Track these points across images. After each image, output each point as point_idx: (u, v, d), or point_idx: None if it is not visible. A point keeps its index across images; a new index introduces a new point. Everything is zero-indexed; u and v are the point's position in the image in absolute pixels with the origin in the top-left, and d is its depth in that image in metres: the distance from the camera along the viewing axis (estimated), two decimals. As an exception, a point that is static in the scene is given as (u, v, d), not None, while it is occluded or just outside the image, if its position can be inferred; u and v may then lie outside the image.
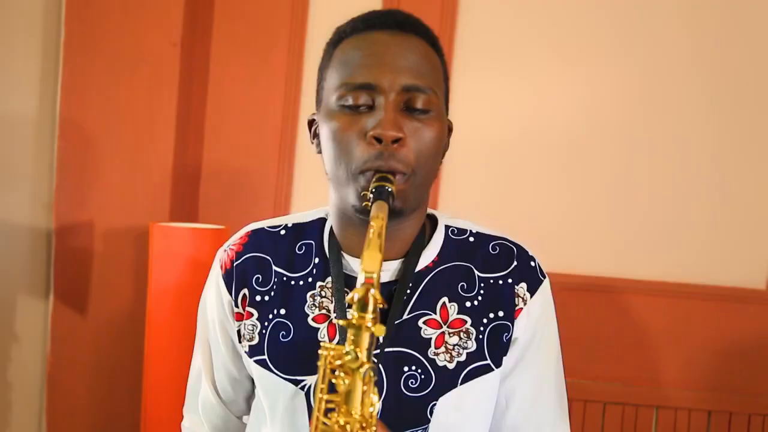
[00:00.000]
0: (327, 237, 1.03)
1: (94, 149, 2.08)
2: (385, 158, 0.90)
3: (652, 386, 2.25)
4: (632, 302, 2.24)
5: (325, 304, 0.99)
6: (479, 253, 1.03)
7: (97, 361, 2.10)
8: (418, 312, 0.98)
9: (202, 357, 1.11)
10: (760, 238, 2.23)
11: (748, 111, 2.21)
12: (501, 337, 0.99)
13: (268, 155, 2.19)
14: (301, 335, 0.98)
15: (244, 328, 1.02)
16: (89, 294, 2.09)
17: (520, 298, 1.00)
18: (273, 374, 0.98)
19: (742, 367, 2.24)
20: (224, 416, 1.12)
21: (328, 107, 0.95)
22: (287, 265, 1.02)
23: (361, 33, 0.96)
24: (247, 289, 1.02)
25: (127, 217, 2.08)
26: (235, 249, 1.04)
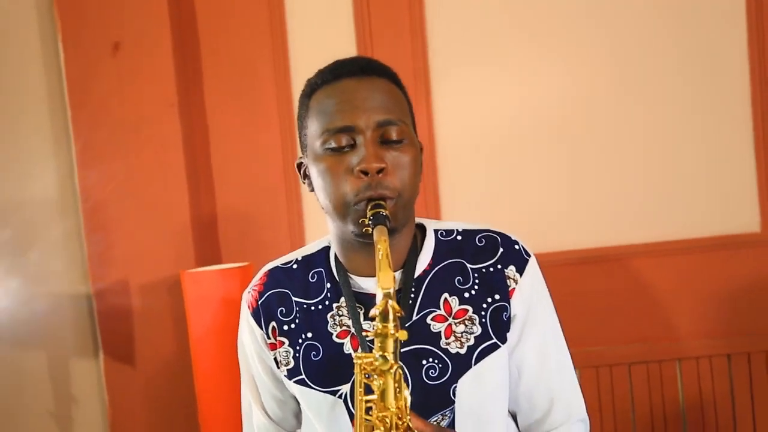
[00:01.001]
0: (334, 263, 1.16)
1: (115, 212, 2.21)
2: (374, 187, 1.02)
3: (671, 341, 2.35)
4: (638, 266, 2.34)
5: (344, 321, 1.12)
6: (468, 248, 1.15)
7: (154, 407, 2.23)
8: (425, 311, 1.11)
9: (250, 389, 1.25)
10: (748, 184, 2.32)
11: (722, 69, 2.31)
12: (501, 317, 1.11)
13: (276, 189, 2.31)
14: (329, 352, 1.12)
15: (279, 355, 1.15)
16: (135, 346, 2.22)
17: (511, 279, 1.13)
18: (312, 390, 1.12)
19: (751, 308, 2.33)
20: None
21: (314, 152, 1.07)
22: (304, 294, 1.16)
23: (330, 83, 1.07)
24: (274, 321, 1.16)
25: (158, 270, 2.20)
26: (257, 289, 1.19)
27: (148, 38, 2.21)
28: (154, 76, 2.20)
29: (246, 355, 1.23)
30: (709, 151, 2.33)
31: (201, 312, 2.00)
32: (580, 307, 2.32)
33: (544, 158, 2.36)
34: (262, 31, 2.33)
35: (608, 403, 2.35)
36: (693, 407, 2.36)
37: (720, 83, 2.32)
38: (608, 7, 2.33)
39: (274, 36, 2.33)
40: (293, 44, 2.35)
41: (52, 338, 2.29)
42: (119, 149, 2.21)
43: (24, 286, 2.22)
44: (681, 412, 2.36)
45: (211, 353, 1.99)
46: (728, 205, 2.34)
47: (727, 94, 2.32)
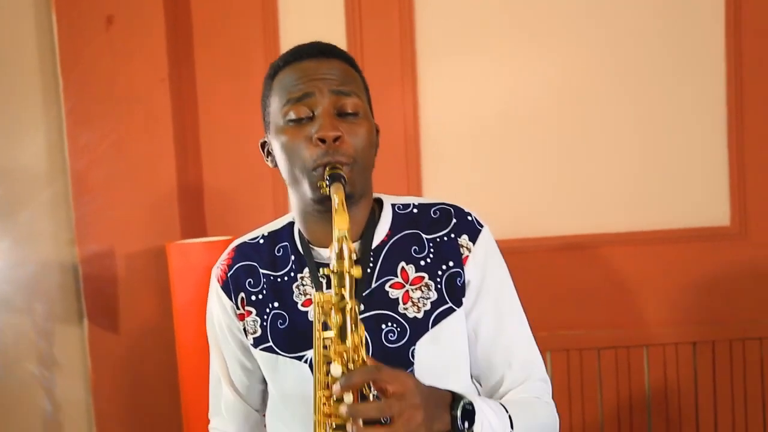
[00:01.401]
0: (297, 236, 1.23)
1: (103, 185, 2.25)
2: (331, 154, 1.09)
3: (639, 328, 2.42)
4: (612, 254, 2.41)
5: (308, 291, 1.19)
6: (423, 220, 1.23)
7: (136, 373, 2.28)
8: (383, 279, 1.18)
9: (218, 363, 1.32)
10: (720, 179, 2.39)
11: (700, 67, 2.37)
12: (456, 282, 1.18)
13: (261, 166, 2.31)
14: (294, 320, 1.19)
15: (247, 324, 1.22)
16: (119, 315, 2.27)
17: (464, 247, 1.20)
18: (279, 356, 1.18)
19: (718, 298, 2.41)
20: (245, 411, 1.32)
21: (276, 125, 1.15)
22: (271, 267, 1.23)
23: (291, 63, 1.16)
24: (243, 292, 1.23)
25: (143, 240, 2.25)
26: (226, 263, 1.26)
27: (141, 13, 2.24)
28: (145, 51, 2.23)
29: (215, 328, 1.30)
30: (685, 147, 2.40)
31: (184, 283, 2.05)
32: (554, 291, 2.39)
33: (525, 147, 2.42)
34: (253, 11, 2.37)
35: (577, 387, 2.43)
36: (658, 393, 2.44)
37: (697, 81, 2.38)
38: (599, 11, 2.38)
39: (265, 15, 2.37)
40: (284, 24, 2.39)
41: (37, 302, 2.33)
42: (109, 121, 2.24)
43: (12, 249, 2.26)
44: (646, 397, 2.44)
45: (193, 323, 2.03)
46: (700, 200, 2.41)
47: (703, 92, 2.38)
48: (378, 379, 0.97)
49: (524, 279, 1.30)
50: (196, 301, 2.01)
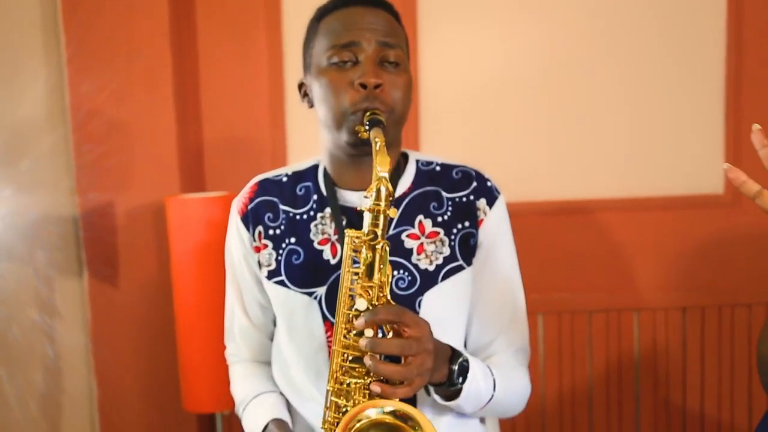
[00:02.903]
0: (322, 177, 1.27)
1: (104, 138, 2.25)
2: (370, 100, 1.13)
3: (631, 292, 2.46)
4: (606, 220, 2.44)
5: (326, 230, 1.23)
6: (445, 179, 1.27)
7: (135, 324, 2.32)
8: (401, 228, 1.22)
9: (234, 293, 1.35)
10: (715, 147, 2.41)
11: (699, 31, 2.36)
12: (469, 242, 1.23)
13: (261, 121, 2.37)
14: (309, 256, 1.23)
15: (262, 257, 1.27)
16: (119, 268, 2.30)
17: (481, 210, 1.25)
18: (290, 290, 1.23)
19: (709, 265, 2.44)
20: (259, 339, 1.36)
21: (319, 67, 1.17)
22: (292, 204, 1.27)
23: (339, 8, 1.18)
24: (261, 225, 1.27)
25: (143, 195, 2.27)
26: (248, 196, 1.30)
27: (142, -34, 2.23)
28: (147, 4, 2.23)
29: (233, 259, 1.33)
30: (681, 114, 2.40)
31: (183, 237, 2.07)
32: (548, 255, 2.42)
33: (522, 112, 2.43)
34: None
35: (568, 349, 2.48)
36: (647, 356, 2.49)
37: (696, 46, 2.38)
38: None
39: (267, -28, 2.36)
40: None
41: (39, 251, 2.36)
42: (110, 72, 2.24)
43: (13, 197, 2.28)
44: (635, 361, 2.49)
45: (191, 276, 2.07)
46: (695, 167, 2.42)
47: (702, 57, 2.39)
48: (401, 320, 1.02)
49: (518, 242, 1.33)
50: (194, 255, 2.06)
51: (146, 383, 2.35)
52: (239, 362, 1.40)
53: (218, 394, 2.10)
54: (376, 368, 1.00)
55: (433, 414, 1.22)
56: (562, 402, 2.49)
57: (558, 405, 2.50)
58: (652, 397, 2.50)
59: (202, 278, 2.07)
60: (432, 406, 1.22)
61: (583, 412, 2.50)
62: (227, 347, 1.43)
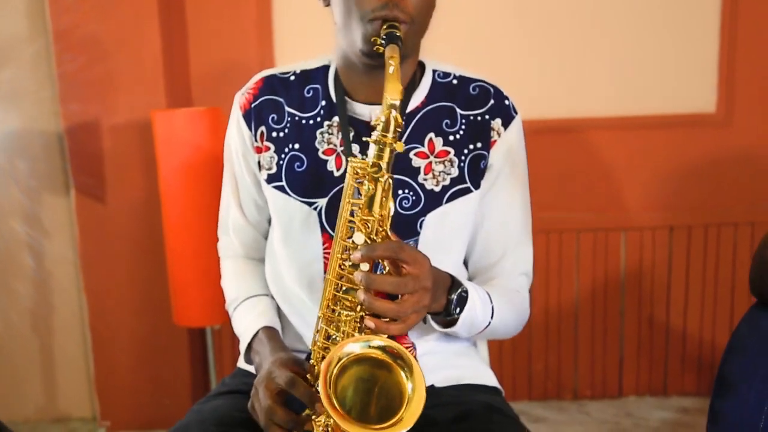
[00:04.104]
0: (332, 82, 1.20)
1: (88, 54, 2.20)
2: (390, 8, 1.05)
3: (619, 212, 2.47)
4: (595, 138, 2.43)
5: (333, 140, 1.18)
6: (461, 94, 1.21)
7: (124, 241, 2.32)
8: (410, 146, 1.17)
9: (230, 187, 1.30)
10: (708, 64, 2.38)
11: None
12: (479, 165, 1.19)
13: (248, 36, 2.32)
14: (312, 165, 1.18)
15: (263, 159, 1.21)
16: (106, 183, 2.28)
17: (495, 131, 1.19)
18: (290, 197, 1.19)
19: (698, 185, 2.45)
20: (253, 235, 1.33)
21: None
22: (298, 107, 1.21)
23: None
24: (264, 126, 1.21)
25: (129, 111, 2.23)
26: (252, 92, 1.23)
27: None
28: None
29: (231, 153, 1.28)
30: (674, 30, 2.37)
31: (170, 152, 2.05)
32: (537, 174, 2.36)
33: (511, 28, 2.38)
34: None
35: (555, 267, 2.50)
36: (632, 275, 2.52)
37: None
38: None
39: None
40: None
41: (24, 172, 2.34)
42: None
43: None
44: (621, 279, 2.52)
45: (179, 191, 2.06)
46: (688, 85, 2.40)
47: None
48: (399, 257, 0.99)
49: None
50: (181, 170, 2.05)
51: (137, 299, 2.36)
52: (232, 257, 1.37)
53: (208, 309, 2.11)
54: (370, 304, 0.98)
55: (421, 330, 1.22)
56: (548, 318, 2.54)
57: (544, 322, 2.54)
58: (636, 314, 2.54)
59: (191, 192, 2.06)
60: (420, 324, 1.21)
61: (568, 328, 2.55)
62: (220, 240, 1.39)
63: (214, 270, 1.99)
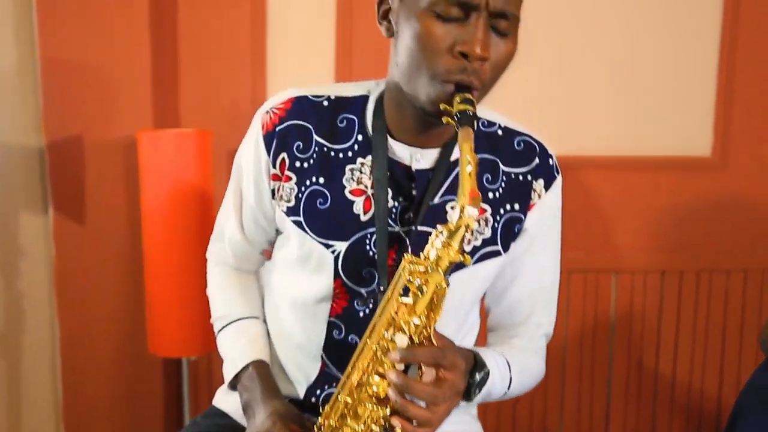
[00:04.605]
0: (371, 115, 1.11)
1: (74, 69, 2.15)
2: (468, 73, 0.97)
3: (610, 253, 2.43)
4: (589, 177, 2.39)
5: (364, 180, 1.09)
6: (505, 147, 1.15)
7: (102, 263, 2.24)
8: (447, 198, 1.11)
9: (233, 201, 1.22)
10: (704, 108, 2.36)
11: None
12: (513, 228, 1.14)
13: (241, 56, 2.25)
14: (337, 204, 1.09)
15: (282, 189, 1.12)
16: (86, 204, 2.21)
17: (536, 193, 1.15)
18: (306, 235, 1.10)
19: (691, 229, 2.42)
20: (247, 250, 1.26)
21: (417, 5, 0.98)
22: (328, 136, 1.11)
23: None
24: (286, 153, 1.11)
25: (114, 129, 2.16)
26: (278, 114, 1.12)
27: None
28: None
29: (242, 170, 1.19)
30: (672, 72, 2.35)
31: (155, 175, 1.99)
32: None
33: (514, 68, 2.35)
34: None
35: (544, 308, 2.45)
36: (622, 319, 2.48)
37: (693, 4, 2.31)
38: None
39: None
40: None
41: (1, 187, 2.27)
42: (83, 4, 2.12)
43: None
44: (610, 323, 2.47)
45: (162, 215, 1.99)
46: (683, 127, 2.38)
47: (697, 12, 2.32)
48: (439, 363, 0.95)
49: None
50: (166, 193, 1.98)
51: (112, 324, 2.28)
52: (222, 264, 1.30)
53: (185, 339, 2.03)
54: (403, 407, 0.93)
55: None
56: (536, 361, 2.47)
57: (531, 364, 2.48)
58: (625, 359, 2.49)
59: (173, 216, 1.99)
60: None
61: (555, 371, 2.48)
62: (211, 245, 1.31)
63: (194, 299, 1.96)
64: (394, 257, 1.10)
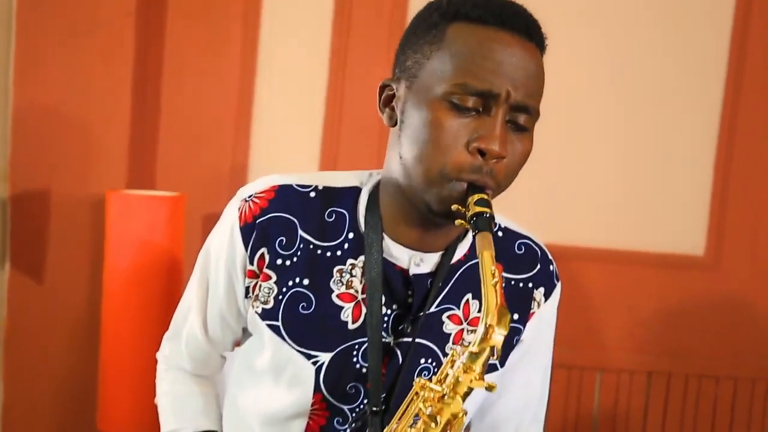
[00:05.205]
0: (363, 211, 0.99)
1: (49, 118, 2.08)
2: (483, 173, 0.88)
3: (596, 350, 2.34)
4: (578, 269, 2.32)
5: (354, 284, 0.97)
6: (505, 251, 1.05)
7: (56, 328, 2.13)
8: (444, 306, 1.01)
9: (197, 294, 1.08)
10: (698, 206, 2.32)
11: (696, 85, 2.29)
12: (512, 340, 1.04)
13: (225, 124, 2.20)
14: (322, 310, 0.97)
15: (259, 288, 0.99)
16: (46, 262, 2.12)
17: (536, 302, 1.06)
18: (285, 343, 0.98)
19: (681, 330, 2.34)
20: (207, 352, 1.12)
21: (430, 94, 0.89)
22: (316, 233, 0.98)
23: (488, 25, 0.89)
24: (267, 249, 0.98)
25: (84, 185, 2.09)
26: (259, 203, 0.99)
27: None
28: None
29: (210, 260, 1.05)
30: (669, 169, 2.31)
31: (122, 238, 1.89)
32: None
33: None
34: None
35: (523, 402, 2.34)
36: (606, 419, 2.36)
37: (690, 103, 2.30)
38: (600, 8, 2.29)
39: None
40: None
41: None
42: (63, 53, 2.08)
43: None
44: (593, 423, 2.36)
45: (125, 282, 1.89)
46: (676, 225, 2.33)
47: (695, 113, 2.30)
48: None
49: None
50: (131, 259, 1.88)
51: (60, 395, 2.16)
52: (175, 369, 1.16)
53: (138, 419, 1.89)
54: None
55: None
56: (513, 460, 2.35)
57: (508, 463, 2.35)
58: (607, 463, 2.37)
59: (138, 285, 1.89)
60: None
61: (533, 472, 2.35)
62: (164, 346, 1.16)
63: (151, 377, 1.79)
64: (383, 372, 0.98)
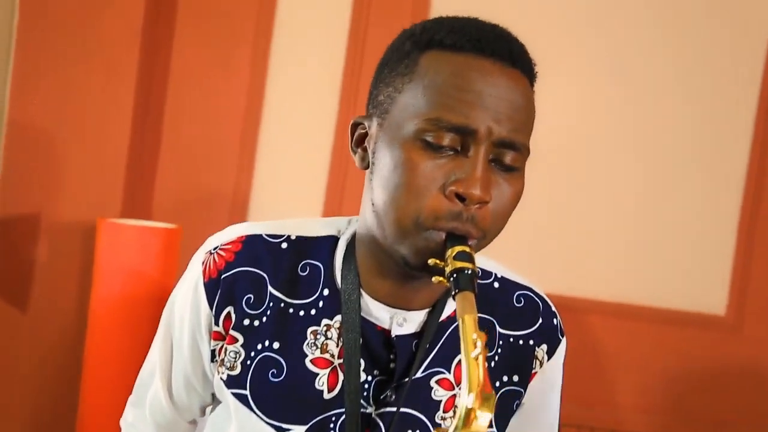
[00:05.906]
0: (339, 265, 0.90)
1: (44, 140, 2.04)
2: (464, 221, 0.79)
3: (609, 409, 2.26)
4: (593, 323, 2.25)
5: (329, 347, 0.88)
6: (502, 305, 0.95)
7: (36, 358, 2.07)
8: (433, 370, 0.91)
9: (160, 355, 0.98)
10: (721, 264, 2.26)
11: (721, 143, 2.26)
12: (511, 404, 0.94)
13: (228, 155, 2.15)
14: (294, 378, 0.88)
15: (225, 352, 0.91)
16: (32, 289, 2.06)
17: (538, 361, 0.95)
18: (253, 414, 0.89)
19: (698, 393, 2.27)
20: (172, 419, 1.02)
21: (401, 132, 0.81)
22: (287, 289, 0.90)
23: (465, 52, 0.81)
24: (233, 308, 0.89)
25: (76, 212, 2.03)
26: (225, 256, 0.91)
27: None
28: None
29: (175, 318, 0.95)
30: (692, 226, 2.27)
31: (111, 267, 1.83)
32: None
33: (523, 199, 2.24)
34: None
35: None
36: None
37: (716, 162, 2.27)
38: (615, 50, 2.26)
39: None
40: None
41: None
42: (63, 72, 2.04)
43: None
44: (602, 486, 2.27)
45: (112, 316, 1.83)
46: (698, 282, 2.27)
47: (722, 164, 2.26)
48: None
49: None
50: (120, 291, 1.82)
51: (40, 429, 2.09)
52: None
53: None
54: None
55: None
56: None
57: None
58: None
59: (124, 319, 1.82)
60: None
61: None
62: (127, 412, 1.06)
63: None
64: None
